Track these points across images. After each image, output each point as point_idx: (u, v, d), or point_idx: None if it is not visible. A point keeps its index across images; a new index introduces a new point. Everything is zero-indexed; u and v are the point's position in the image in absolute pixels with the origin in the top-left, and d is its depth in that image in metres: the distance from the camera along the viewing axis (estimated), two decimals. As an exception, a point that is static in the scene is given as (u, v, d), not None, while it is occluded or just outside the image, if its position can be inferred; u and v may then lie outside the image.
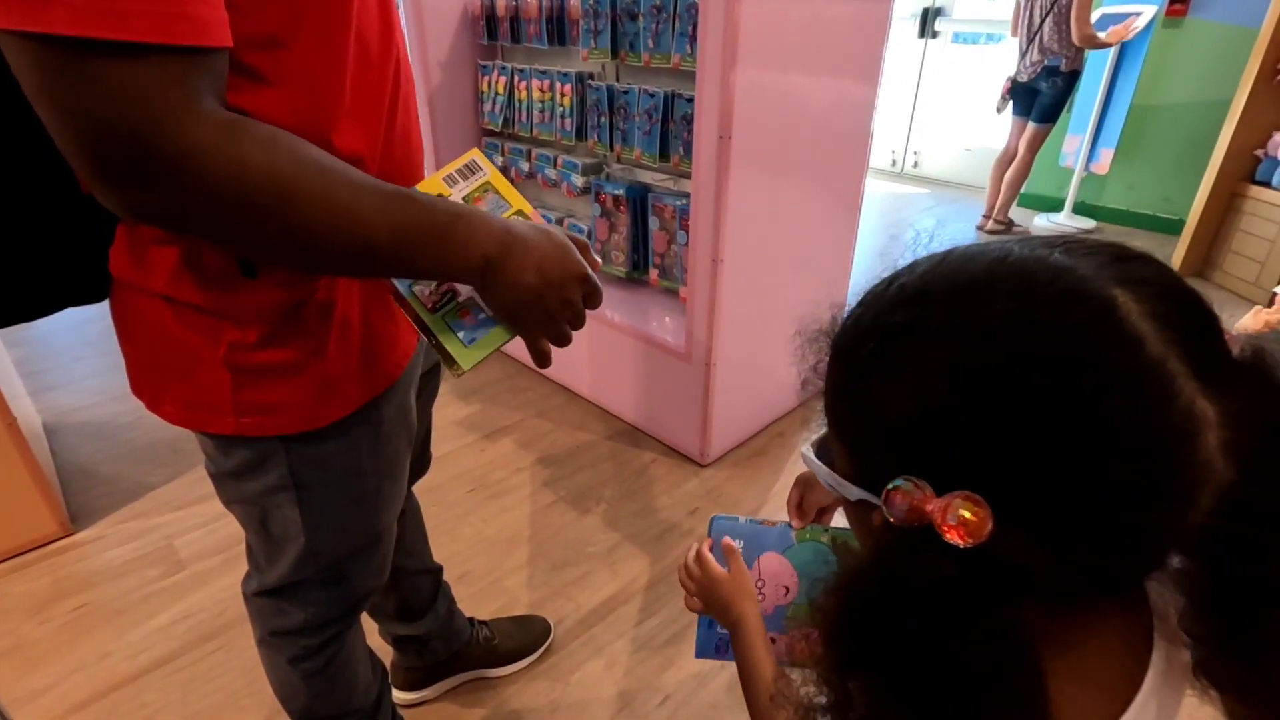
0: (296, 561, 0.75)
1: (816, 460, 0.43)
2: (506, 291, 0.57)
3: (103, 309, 0.65)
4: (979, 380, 0.30)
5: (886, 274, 0.38)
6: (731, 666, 0.66)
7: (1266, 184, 2.89)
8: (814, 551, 0.72)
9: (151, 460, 1.91)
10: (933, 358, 0.32)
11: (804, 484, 0.73)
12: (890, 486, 0.32)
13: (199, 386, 0.62)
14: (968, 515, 0.30)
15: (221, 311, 0.59)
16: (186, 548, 1.61)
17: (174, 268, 0.57)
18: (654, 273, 2.01)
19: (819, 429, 0.43)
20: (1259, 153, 2.94)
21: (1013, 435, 0.30)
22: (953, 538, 0.30)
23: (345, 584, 0.81)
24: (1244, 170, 3.00)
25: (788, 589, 0.73)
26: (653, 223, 1.93)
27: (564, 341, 0.62)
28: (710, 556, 0.70)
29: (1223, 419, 0.29)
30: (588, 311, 0.62)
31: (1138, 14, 3.50)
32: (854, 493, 0.38)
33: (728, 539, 0.71)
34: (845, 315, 0.40)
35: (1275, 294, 1.34)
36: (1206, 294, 0.31)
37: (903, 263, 0.38)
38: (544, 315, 0.59)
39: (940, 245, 0.38)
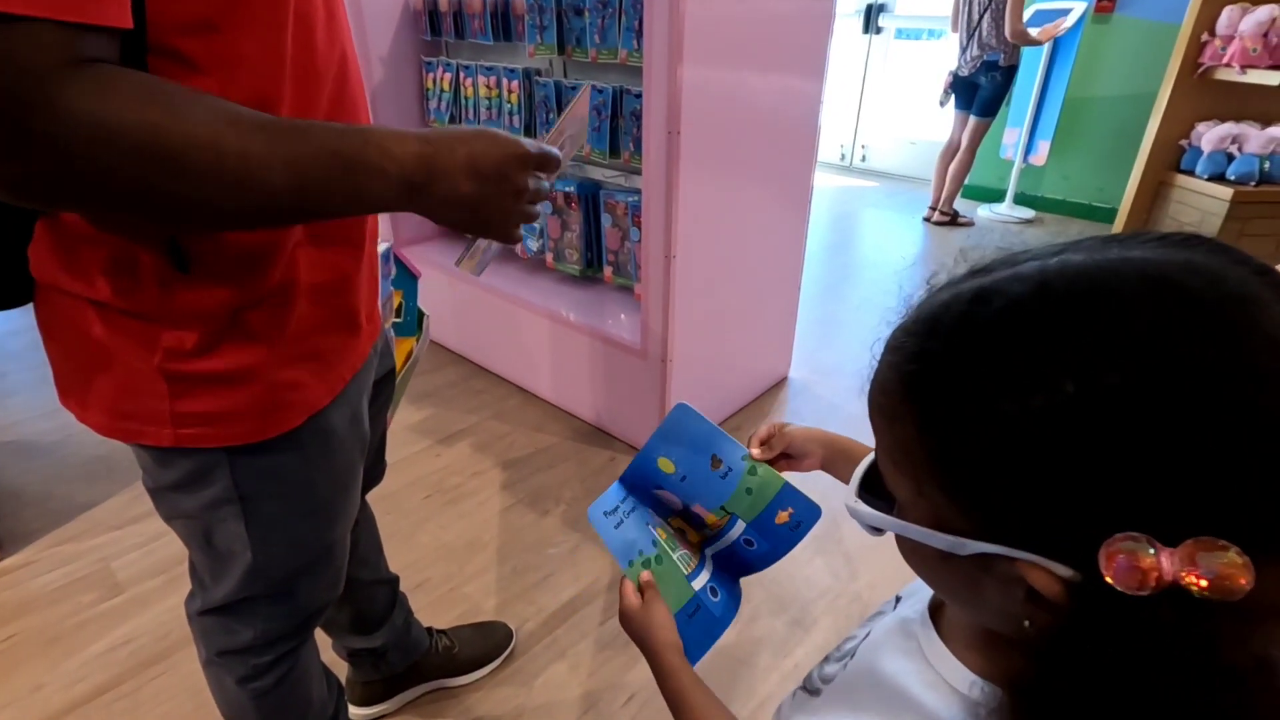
0: (244, 578, 0.71)
1: (893, 519, 0.36)
2: (446, 208, 0.54)
3: (26, 318, 0.61)
4: (1188, 401, 0.26)
5: (936, 292, 0.34)
6: (696, 667, 0.63)
7: (1190, 172, 3.04)
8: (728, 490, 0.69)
9: (84, 478, 1.81)
10: (1114, 389, 0.27)
11: (782, 433, 0.70)
12: (1110, 545, 0.26)
13: (133, 395, 0.59)
14: (1229, 566, 0.24)
15: (156, 315, 0.55)
16: (125, 569, 1.53)
17: (101, 268, 0.53)
18: (608, 270, 1.99)
19: (764, 425, 0.39)
20: (1183, 143, 3.08)
21: (1236, 456, 0.26)
22: (1212, 595, 0.25)
23: (296, 599, 0.78)
24: (1170, 160, 3.14)
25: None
26: (605, 220, 1.92)
27: (532, 219, 0.59)
28: (624, 590, 0.65)
29: None
30: (546, 305, 0.60)
31: (1068, 10, 3.64)
32: (973, 549, 0.31)
33: (646, 574, 0.65)
34: (926, 354, 0.33)
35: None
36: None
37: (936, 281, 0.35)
38: (498, 215, 0.56)
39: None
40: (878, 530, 0.39)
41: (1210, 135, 2.93)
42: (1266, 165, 2.84)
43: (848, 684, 0.46)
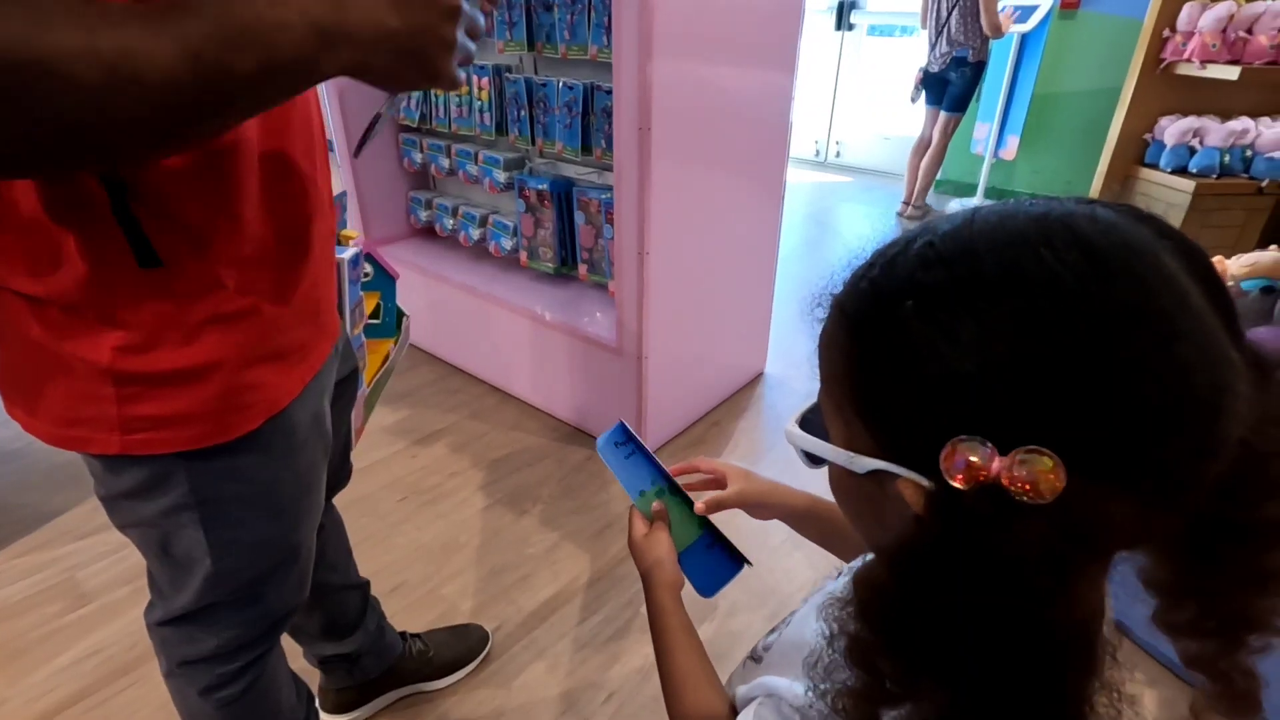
0: (205, 585, 0.69)
1: (810, 437, 0.41)
2: (376, 54, 0.46)
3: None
4: (1049, 330, 0.29)
5: (887, 242, 0.37)
6: None
7: (1155, 165, 3.10)
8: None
9: (48, 486, 1.76)
10: (993, 310, 0.30)
11: (731, 474, 0.71)
12: (951, 444, 0.29)
13: (78, 400, 0.56)
14: (1041, 469, 0.28)
15: (101, 310, 0.52)
16: (91, 579, 1.50)
17: (37, 256, 0.50)
18: (583, 268, 1.99)
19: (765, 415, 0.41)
20: (1147, 137, 3.14)
21: (1086, 388, 0.28)
22: (1025, 494, 0.28)
23: (261, 604, 0.76)
24: (1135, 153, 3.20)
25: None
26: (579, 217, 1.91)
27: (456, 86, 0.52)
28: (632, 518, 0.68)
29: (1244, 369, 0.30)
30: (521, 304, 0.58)
31: (1035, 7, 3.69)
32: (868, 465, 0.36)
33: (658, 504, 0.68)
34: (853, 281, 0.37)
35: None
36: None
37: (887, 237, 0.37)
38: (436, 41, 0.48)
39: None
40: (812, 460, 0.43)
41: (1173, 129, 2.99)
42: (1226, 158, 2.90)
43: (781, 650, 0.51)
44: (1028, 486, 0.28)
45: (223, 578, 0.69)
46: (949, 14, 3.50)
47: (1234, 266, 1.29)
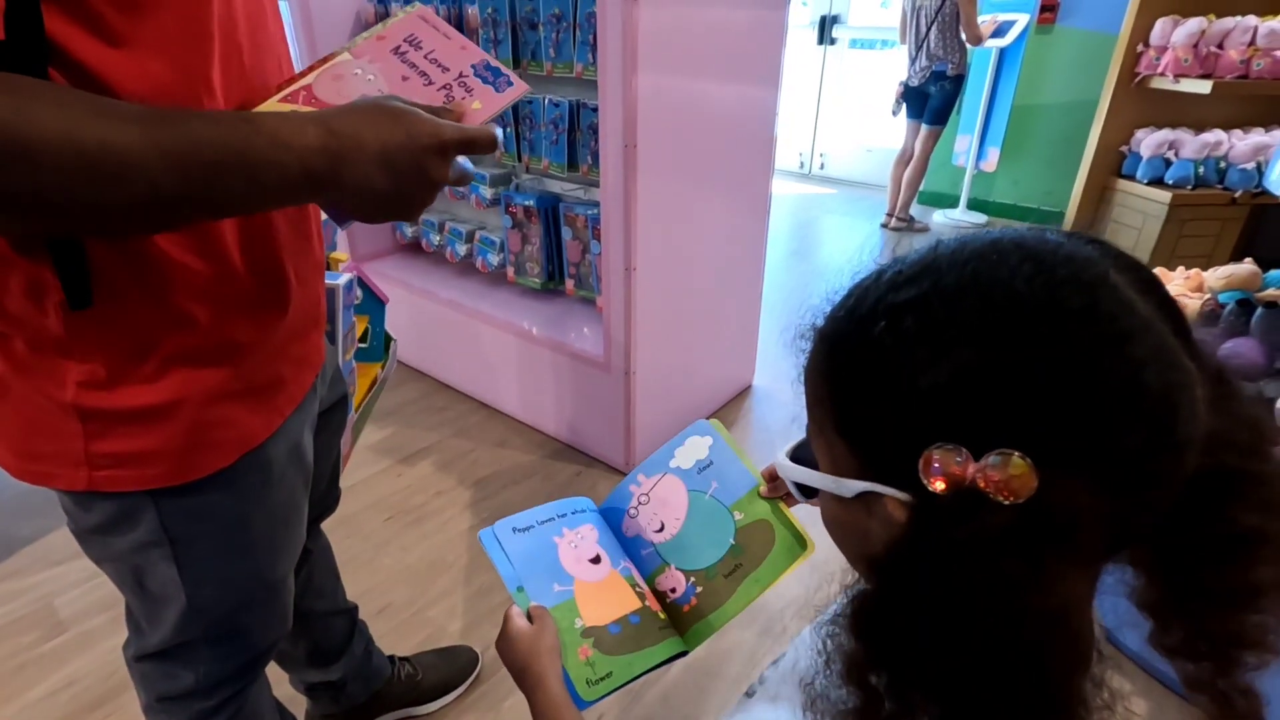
0: (180, 621, 0.68)
1: (799, 467, 0.42)
2: (359, 204, 0.50)
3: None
4: (1010, 337, 0.31)
5: (861, 275, 0.39)
6: (664, 678, 0.62)
7: (1132, 177, 3.15)
8: (716, 520, 0.65)
9: (23, 512, 1.72)
10: (957, 321, 0.32)
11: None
12: (927, 453, 0.31)
13: (43, 434, 0.55)
14: (1014, 470, 0.29)
15: (60, 345, 0.51)
16: (68, 607, 1.46)
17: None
18: (570, 283, 1.98)
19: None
20: (1124, 149, 3.20)
21: (1047, 387, 0.30)
22: (1000, 495, 0.29)
23: (240, 640, 0.74)
24: (1112, 165, 3.25)
25: (663, 525, 0.66)
26: (565, 233, 1.91)
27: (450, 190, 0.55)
28: (512, 614, 0.61)
29: (1200, 376, 0.32)
30: (508, 319, 0.57)
31: (1012, 22, 3.76)
32: (854, 487, 0.37)
33: (535, 604, 0.61)
34: (831, 312, 0.39)
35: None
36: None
37: (864, 268, 0.39)
38: (418, 203, 0.52)
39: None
40: (802, 491, 0.45)
41: (1149, 141, 3.05)
42: (1201, 170, 2.96)
43: (774, 684, 0.51)
44: (1003, 488, 0.29)
45: (199, 614, 0.67)
46: (928, 29, 3.56)
47: (1211, 279, 1.31)
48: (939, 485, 0.31)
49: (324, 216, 0.72)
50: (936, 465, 0.31)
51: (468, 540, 1.66)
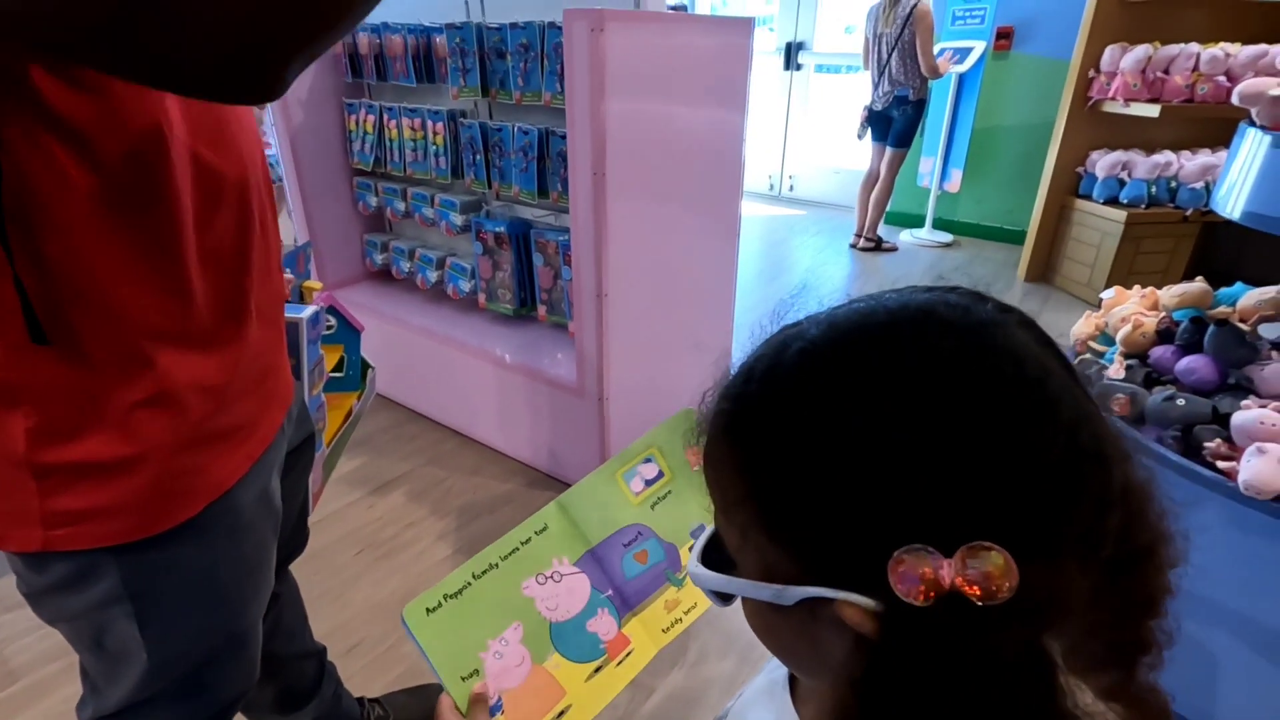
0: (142, 680, 0.64)
1: (722, 577, 0.37)
2: None
3: None
4: (946, 413, 0.29)
5: (755, 355, 0.36)
6: (644, 707, 0.58)
7: (1088, 197, 3.26)
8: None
9: (-27, 556, 1.65)
10: (889, 403, 0.29)
11: None
12: (895, 557, 0.28)
13: None
14: (995, 566, 0.26)
15: (13, 389, 0.48)
16: (19, 655, 1.40)
17: None
18: (542, 309, 1.98)
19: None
20: (1080, 170, 3.31)
21: (992, 460, 0.28)
22: (980, 594, 0.26)
23: (206, 694, 0.71)
24: (1070, 185, 3.36)
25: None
26: (537, 259, 1.90)
27: None
28: (441, 706, 0.57)
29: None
30: (480, 346, 0.55)
31: (969, 50, 3.89)
32: (797, 594, 0.32)
33: (478, 688, 0.57)
34: (734, 400, 0.36)
35: (1102, 299, 1.49)
36: (1050, 296, 0.33)
37: (762, 336, 0.37)
38: None
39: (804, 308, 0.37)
40: (721, 598, 0.40)
41: (1103, 162, 3.15)
42: (1153, 189, 3.07)
43: (735, 716, 0.48)
44: (980, 589, 0.27)
45: (161, 671, 0.64)
46: (889, 56, 3.66)
47: (1164, 297, 1.35)
48: (919, 599, 0.27)
49: (299, 242, 0.71)
50: (910, 573, 0.28)
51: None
